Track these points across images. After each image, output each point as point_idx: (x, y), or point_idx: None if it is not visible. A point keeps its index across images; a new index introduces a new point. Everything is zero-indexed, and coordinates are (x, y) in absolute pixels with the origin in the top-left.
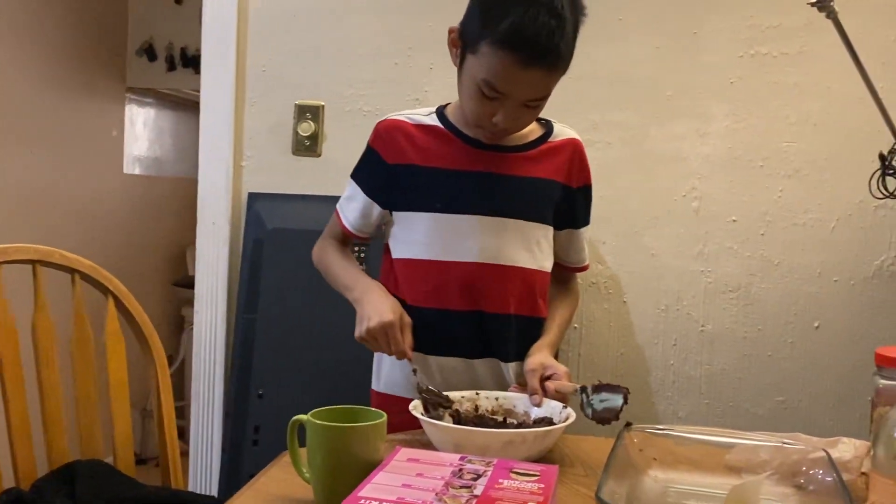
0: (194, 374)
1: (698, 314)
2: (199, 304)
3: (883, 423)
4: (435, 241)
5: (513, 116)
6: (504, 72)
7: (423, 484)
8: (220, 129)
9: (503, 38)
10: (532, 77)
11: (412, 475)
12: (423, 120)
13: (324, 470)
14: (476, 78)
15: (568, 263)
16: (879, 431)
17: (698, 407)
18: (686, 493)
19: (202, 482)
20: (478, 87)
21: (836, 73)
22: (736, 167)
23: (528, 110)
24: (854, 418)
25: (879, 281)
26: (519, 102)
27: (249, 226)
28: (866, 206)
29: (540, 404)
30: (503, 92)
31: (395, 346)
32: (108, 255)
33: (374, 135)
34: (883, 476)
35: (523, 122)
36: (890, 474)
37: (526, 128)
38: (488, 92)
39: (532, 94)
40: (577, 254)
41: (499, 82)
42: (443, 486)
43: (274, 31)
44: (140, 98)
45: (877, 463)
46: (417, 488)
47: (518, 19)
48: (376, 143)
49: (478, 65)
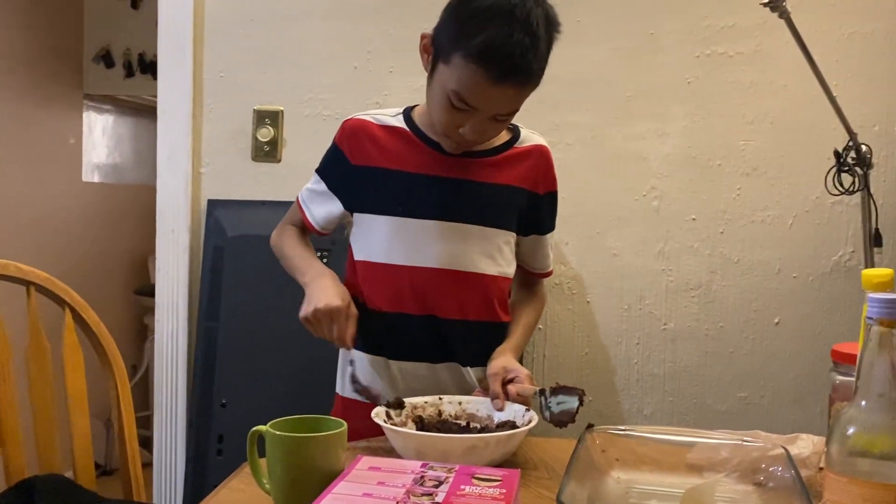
0: (156, 383)
1: (660, 313)
2: (160, 312)
3: (836, 420)
4: (394, 245)
5: (480, 129)
6: (475, 86)
7: (384, 493)
8: (178, 135)
9: (477, 52)
10: (503, 93)
11: (373, 484)
12: (390, 121)
13: (284, 481)
14: (446, 88)
15: (533, 269)
16: (833, 429)
17: (662, 404)
18: (648, 493)
19: (167, 493)
20: (447, 98)
21: (791, 72)
22: (695, 166)
23: (495, 124)
24: (815, 413)
25: (837, 276)
26: (488, 116)
27: (209, 233)
28: (823, 202)
29: (502, 409)
30: (473, 105)
31: (338, 332)
32: (68, 264)
33: (340, 133)
34: (836, 474)
35: (490, 134)
36: (843, 472)
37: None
38: (458, 104)
39: (502, 110)
40: (543, 260)
41: (469, 96)
42: (404, 494)
43: (231, 36)
44: (98, 105)
45: (831, 461)
46: (378, 497)
47: (493, 35)
48: (342, 142)
49: (449, 75)
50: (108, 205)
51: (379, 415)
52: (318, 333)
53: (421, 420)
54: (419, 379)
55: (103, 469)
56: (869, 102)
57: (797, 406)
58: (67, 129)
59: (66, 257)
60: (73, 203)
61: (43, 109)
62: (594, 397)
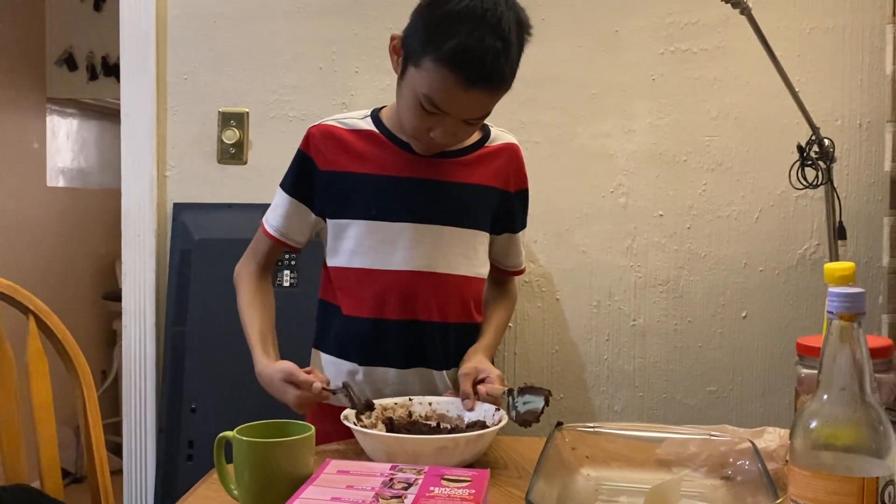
0: (125, 389)
1: (629, 309)
2: (128, 317)
3: (799, 414)
4: (369, 249)
5: (451, 133)
6: (446, 91)
7: (352, 496)
8: (141, 139)
9: (448, 57)
10: (474, 98)
11: (342, 488)
12: (358, 124)
13: (252, 486)
14: (417, 92)
15: (506, 267)
16: (796, 422)
17: (633, 400)
18: (618, 489)
19: (137, 500)
20: (418, 101)
21: (754, 68)
22: (661, 162)
23: (466, 127)
24: (783, 405)
25: (803, 269)
26: (458, 120)
27: (175, 237)
28: (787, 196)
29: (472, 409)
30: (444, 110)
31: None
32: (35, 270)
33: (306, 140)
34: (800, 468)
35: (460, 137)
36: (807, 465)
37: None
38: (428, 107)
39: (473, 114)
40: (515, 258)
41: (440, 100)
42: (373, 498)
43: (193, 37)
44: (61, 109)
45: (794, 455)
46: (347, 501)
47: (464, 40)
48: (308, 149)
49: (419, 79)
50: (74, 210)
51: (348, 417)
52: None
53: (391, 421)
54: (388, 384)
55: (73, 477)
56: (831, 97)
57: (765, 399)
58: (31, 133)
59: (33, 263)
60: (38, 208)
61: (5, 114)
62: (565, 394)
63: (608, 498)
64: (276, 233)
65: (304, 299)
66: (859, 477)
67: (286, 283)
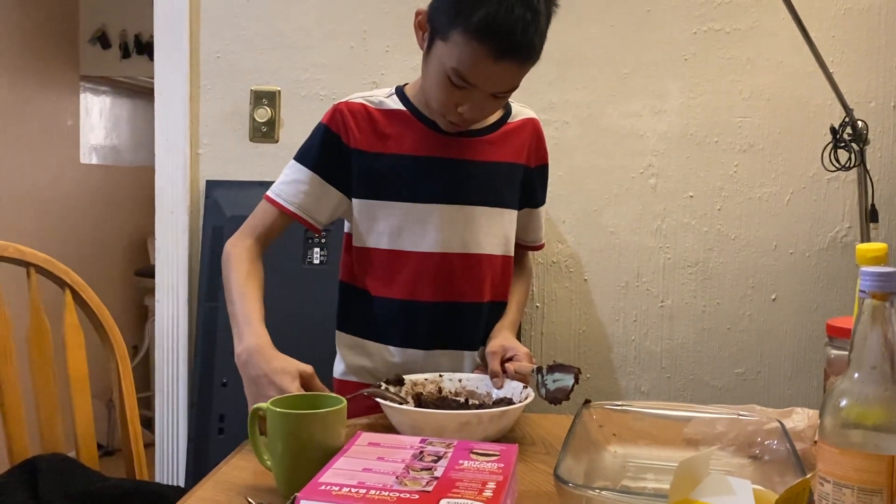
0: (157, 364)
1: (658, 290)
2: (161, 293)
3: (829, 392)
4: (400, 231)
5: (479, 107)
6: (476, 63)
7: (383, 468)
8: (175, 117)
9: (477, 28)
10: (504, 70)
11: (373, 459)
12: (386, 102)
13: (285, 457)
14: (445, 66)
15: (525, 242)
16: (826, 401)
17: (659, 381)
18: (644, 467)
19: (169, 473)
20: (446, 76)
21: (787, 48)
22: (691, 143)
23: (494, 101)
24: (811, 388)
25: (833, 252)
26: (487, 94)
27: (208, 214)
28: (819, 178)
29: (501, 386)
30: (473, 83)
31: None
32: (68, 246)
33: (332, 116)
34: (829, 445)
35: (487, 112)
36: (836, 443)
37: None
38: (457, 81)
39: (502, 87)
40: (535, 232)
41: (469, 73)
42: (403, 469)
43: (227, 16)
44: (95, 86)
45: (824, 433)
46: (378, 472)
47: (493, 11)
48: (336, 126)
49: (448, 53)
50: (106, 187)
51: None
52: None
53: (420, 397)
54: (416, 365)
55: (105, 449)
56: (865, 78)
57: (793, 381)
58: (65, 110)
59: (66, 239)
60: (71, 185)
61: (40, 91)
62: (591, 375)
63: (635, 475)
64: (295, 209)
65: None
66: (888, 455)
67: (316, 261)
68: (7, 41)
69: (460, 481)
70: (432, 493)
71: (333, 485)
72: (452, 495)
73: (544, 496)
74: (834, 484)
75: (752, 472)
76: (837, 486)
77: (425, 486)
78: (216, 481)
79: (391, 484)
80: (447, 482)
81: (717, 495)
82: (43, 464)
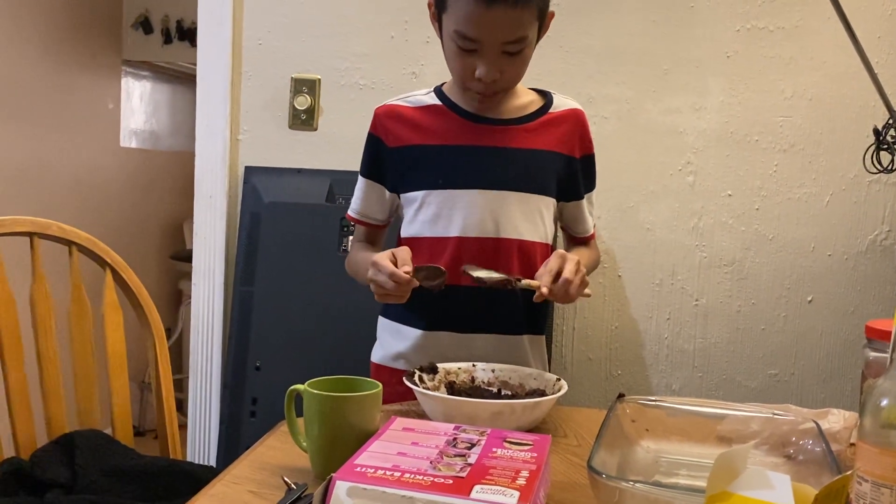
0: (192, 346)
1: (692, 288)
2: (197, 276)
3: (869, 392)
4: (437, 217)
5: (493, 65)
6: (470, 16)
7: (418, 452)
8: (216, 103)
9: None
10: (498, 15)
11: (407, 444)
12: (422, 100)
13: (321, 439)
14: (451, 34)
15: (575, 233)
16: (866, 400)
17: (692, 380)
18: (677, 462)
19: (200, 454)
20: (454, 44)
21: (831, 48)
22: (731, 142)
23: (507, 58)
24: (846, 391)
25: (872, 255)
26: (495, 49)
27: (246, 199)
28: (860, 180)
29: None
30: (475, 38)
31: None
32: (105, 228)
33: (373, 122)
34: (869, 444)
35: (508, 74)
36: (876, 443)
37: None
38: (462, 43)
39: (504, 36)
40: (582, 223)
41: (468, 28)
42: (437, 455)
43: (269, 4)
44: (136, 71)
45: (864, 432)
46: (412, 456)
47: None
48: (376, 130)
49: (449, 21)
50: (145, 170)
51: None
52: (392, 300)
53: (452, 385)
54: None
55: (137, 430)
56: None
57: (827, 384)
58: (106, 94)
59: (105, 221)
60: (111, 168)
61: (83, 75)
62: (623, 371)
63: (667, 471)
64: (356, 214)
65: None
66: None
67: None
68: (53, 25)
69: (494, 468)
70: (466, 478)
71: (369, 467)
72: (486, 482)
73: (577, 487)
74: (873, 483)
75: (786, 471)
76: (876, 485)
77: (459, 471)
78: (251, 461)
79: (425, 468)
80: (481, 469)
81: (755, 489)
82: (80, 439)
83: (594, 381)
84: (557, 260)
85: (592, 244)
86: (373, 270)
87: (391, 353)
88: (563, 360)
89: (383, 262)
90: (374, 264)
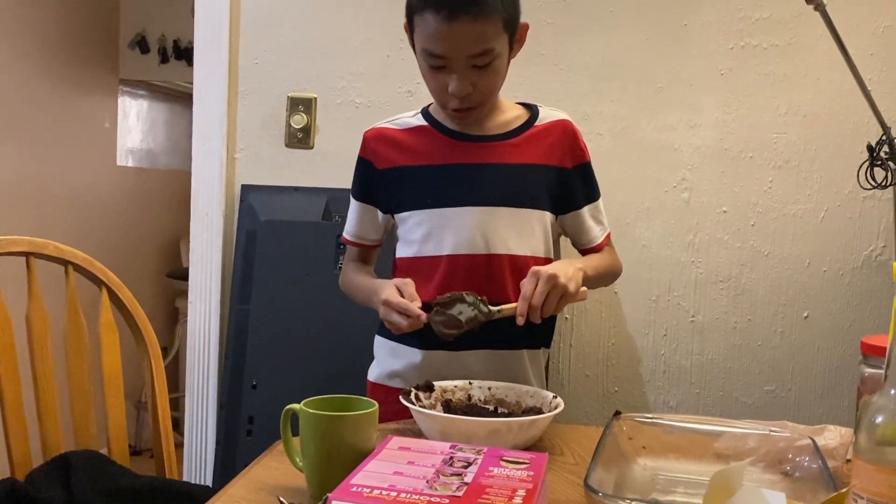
0: (188, 365)
1: (689, 304)
2: (193, 295)
3: (865, 409)
4: (428, 236)
5: (464, 80)
6: (434, 33)
7: (414, 472)
8: (212, 121)
9: (424, 2)
10: (461, 30)
11: (403, 463)
12: (409, 122)
13: (317, 458)
14: (421, 52)
15: (582, 246)
16: (861, 418)
17: (688, 396)
18: (674, 480)
19: (197, 473)
20: (425, 63)
21: (825, 65)
22: (726, 158)
23: (477, 71)
24: (842, 407)
25: (868, 271)
26: (462, 63)
27: (242, 217)
28: (855, 196)
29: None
30: (441, 54)
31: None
32: (102, 246)
33: (362, 145)
34: (864, 461)
35: (481, 87)
36: (871, 460)
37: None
38: (431, 61)
39: (469, 49)
40: (587, 234)
41: (433, 45)
42: (433, 474)
43: (266, 23)
44: (133, 90)
45: (859, 449)
46: (409, 476)
47: None
48: (365, 153)
49: (417, 39)
50: (141, 189)
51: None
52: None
53: (448, 404)
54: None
55: (133, 449)
56: None
57: (824, 400)
58: (103, 113)
59: (101, 239)
60: (107, 186)
61: (79, 94)
62: (619, 388)
63: (665, 489)
64: (351, 237)
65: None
66: None
67: None
68: (49, 45)
69: (490, 487)
70: (462, 498)
71: (365, 486)
72: (483, 501)
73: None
74: (868, 500)
75: (783, 488)
76: (872, 502)
77: (455, 490)
78: (247, 480)
79: (422, 488)
80: (477, 488)
81: None
82: (76, 459)
83: (591, 398)
84: (530, 280)
85: (606, 249)
86: (384, 310)
87: (387, 371)
88: (559, 377)
89: (395, 299)
90: (386, 303)
